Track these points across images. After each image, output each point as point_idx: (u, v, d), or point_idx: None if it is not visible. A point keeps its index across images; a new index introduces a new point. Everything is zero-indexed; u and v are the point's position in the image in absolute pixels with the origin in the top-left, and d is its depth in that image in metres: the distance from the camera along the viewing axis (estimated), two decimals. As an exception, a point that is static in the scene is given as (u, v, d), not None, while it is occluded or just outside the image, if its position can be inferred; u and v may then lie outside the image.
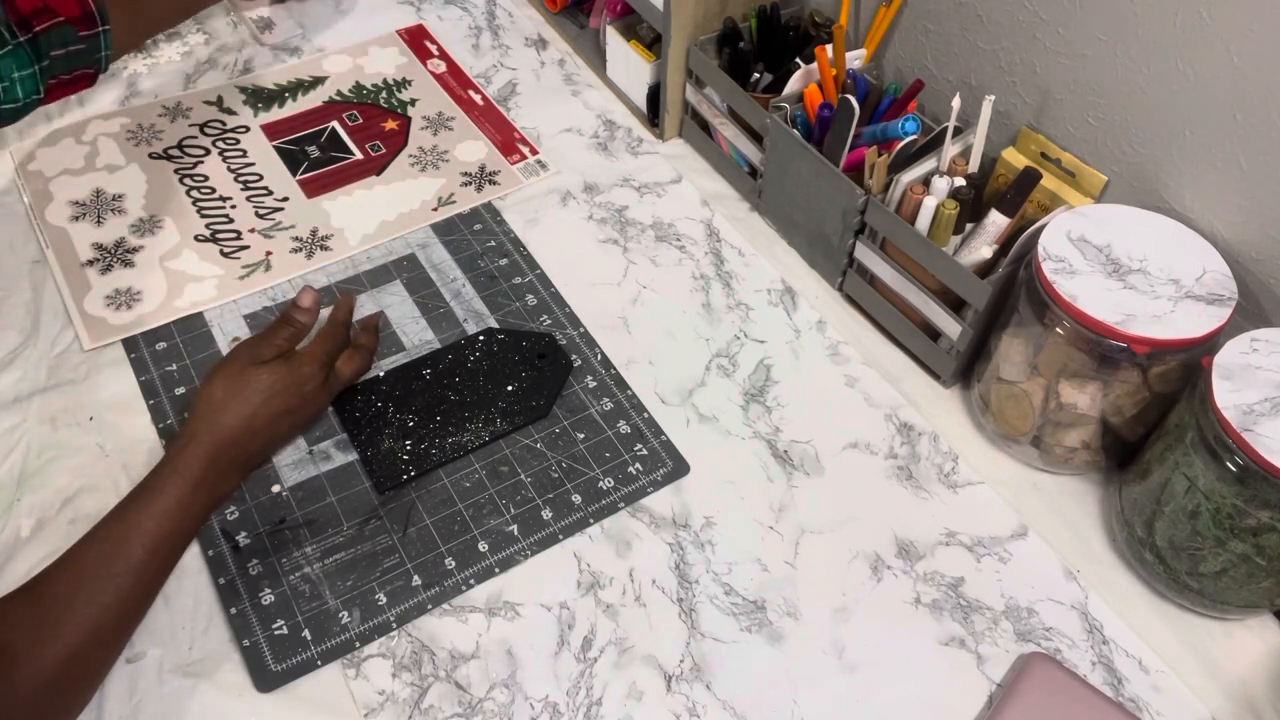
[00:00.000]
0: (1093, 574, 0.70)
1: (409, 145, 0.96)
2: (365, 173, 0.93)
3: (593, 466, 0.74)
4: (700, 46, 0.89)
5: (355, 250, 0.87)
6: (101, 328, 0.79)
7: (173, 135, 0.95)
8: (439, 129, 0.98)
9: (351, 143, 0.96)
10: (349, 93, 1.01)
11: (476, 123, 0.99)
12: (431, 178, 0.93)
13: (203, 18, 1.08)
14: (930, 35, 0.83)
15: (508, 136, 0.97)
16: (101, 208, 0.88)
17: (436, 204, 0.91)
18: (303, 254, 0.86)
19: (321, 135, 0.96)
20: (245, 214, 0.89)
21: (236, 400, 0.67)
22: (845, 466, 0.75)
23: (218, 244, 0.87)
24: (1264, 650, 0.66)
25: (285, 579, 0.67)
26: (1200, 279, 0.65)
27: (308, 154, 0.94)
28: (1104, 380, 0.66)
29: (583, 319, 0.83)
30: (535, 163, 0.95)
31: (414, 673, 0.63)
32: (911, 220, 0.75)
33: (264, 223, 0.88)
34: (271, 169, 0.93)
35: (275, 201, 0.90)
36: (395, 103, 1.00)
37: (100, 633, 0.58)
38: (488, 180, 0.93)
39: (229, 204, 0.90)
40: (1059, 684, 0.62)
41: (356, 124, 0.98)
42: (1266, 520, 0.59)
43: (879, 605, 0.68)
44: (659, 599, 0.67)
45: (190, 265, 0.85)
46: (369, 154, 0.95)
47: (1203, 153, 0.67)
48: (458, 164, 0.95)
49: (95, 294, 0.82)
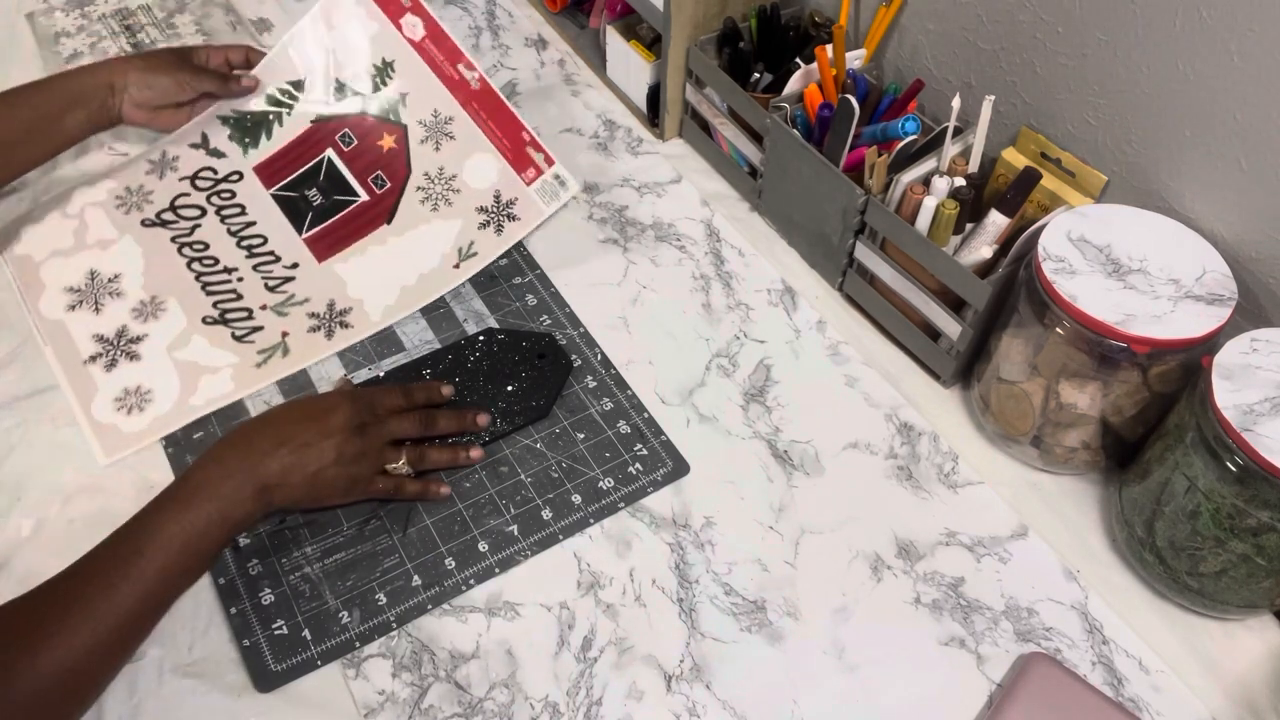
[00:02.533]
0: (1093, 574, 0.70)
1: (413, 172, 0.88)
2: (375, 220, 0.86)
3: (593, 466, 0.74)
4: (700, 46, 0.89)
5: (379, 326, 0.81)
6: (114, 438, 0.73)
7: (163, 195, 0.87)
8: (440, 139, 0.89)
9: (351, 176, 0.88)
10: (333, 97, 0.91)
11: (477, 119, 0.89)
12: (445, 219, 0.86)
13: (202, 19, 1.08)
14: (930, 35, 0.83)
15: (516, 141, 0.88)
16: (98, 291, 0.81)
17: (458, 258, 0.84)
18: (322, 333, 0.80)
19: (319, 172, 0.89)
20: (254, 287, 0.82)
21: (290, 451, 0.63)
22: (845, 466, 0.75)
23: (229, 326, 0.80)
24: (1264, 650, 0.66)
25: (285, 579, 0.67)
26: (1200, 279, 0.65)
27: (309, 201, 0.87)
28: (1104, 380, 0.66)
29: (583, 319, 0.83)
30: (553, 178, 0.87)
31: (414, 673, 0.63)
32: (911, 220, 0.75)
33: (275, 296, 0.82)
34: (274, 227, 0.86)
35: (285, 270, 0.84)
36: (386, 105, 0.90)
37: (101, 646, 0.56)
38: (506, 215, 0.86)
39: (235, 276, 0.83)
40: (1059, 684, 0.62)
41: (352, 148, 0.89)
42: (1266, 520, 0.59)
43: (879, 605, 0.68)
44: (659, 599, 0.67)
45: (201, 354, 0.78)
46: (374, 191, 0.87)
47: (1203, 152, 0.67)
48: (470, 194, 0.87)
49: (103, 396, 0.75)
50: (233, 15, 1.09)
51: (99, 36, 1.05)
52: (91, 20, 1.07)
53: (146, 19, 1.08)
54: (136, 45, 1.04)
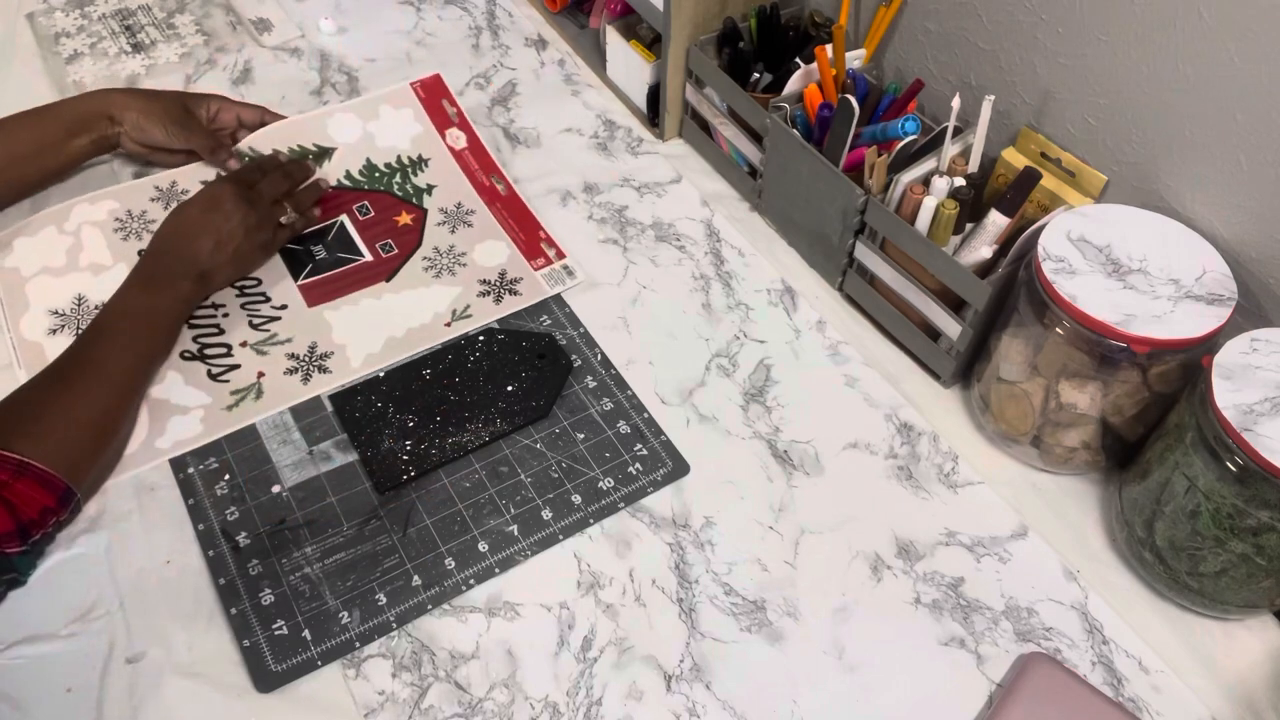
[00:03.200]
0: (1093, 574, 0.70)
1: (423, 245, 0.87)
2: (374, 278, 0.84)
3: (593, 466, 0.74)
4: (700, 46, 0.89)
5: (357, 374, 0.78)
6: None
7: None
8: (457, 225, 0.89)
9: (361, 241, 0.87)
10: (360, 175, 0.91)
11: (498, 217, 0.89)
12: (446, 285, 0.84)
13: (202, 19, 1.08)
14: (930, 35, 0.83)
15: (532, 236, 0.88)
16: (83, 318, 0.79)
17: (450, 317, 0.82)
18: (298, 376, 0.77)
19: (329, 232, 0.88)
20: (238, 324, 0.80)
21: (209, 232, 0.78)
22: (845, 466, 0.75)
23: (206, 363, 0.77)
24: (1264, 650, 0.66)
25: (285, 579, 0.67)
26: (1200, 279, 0.65)
27: (313, 254, 0.86)
28: (1104, 380, 0.66)
29: (583, 319, 0.83)
30: (561, 269, 0.86)
31: (414, 673, 0.63)
32: (911, 220, 0.75)
33: (257, 334, 0.80)
34: (271, 271, 0.84)
35: (272, 309, 0.82)
36: (410, 190, 0.91)
37: (95, 420, 0.68)
38: (508, 290, 0.84)
39: (220, 311, 0.81)
40: (1059, 684, 0.62)
41: (368, 218, 0.89)
42: (1266, 520, 0.59)
43: (879, 605, 0.68)
44: (659, 599, 0.67)
45: (175, 392, 0.76)
46: (379, 255, 0.86)
47: (1203, 153, 0.67)
48: (476, 270, 0.85)
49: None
50: (233, 15, 1.09)
51: (99, 37, 1.05)
52: (91, 20, 1.07)
53: (146, 19, 1.08)
54: (136, 45, 1.04)
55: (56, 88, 0.99)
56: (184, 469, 0.72)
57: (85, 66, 1.02)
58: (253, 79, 1.02)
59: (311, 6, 1.11)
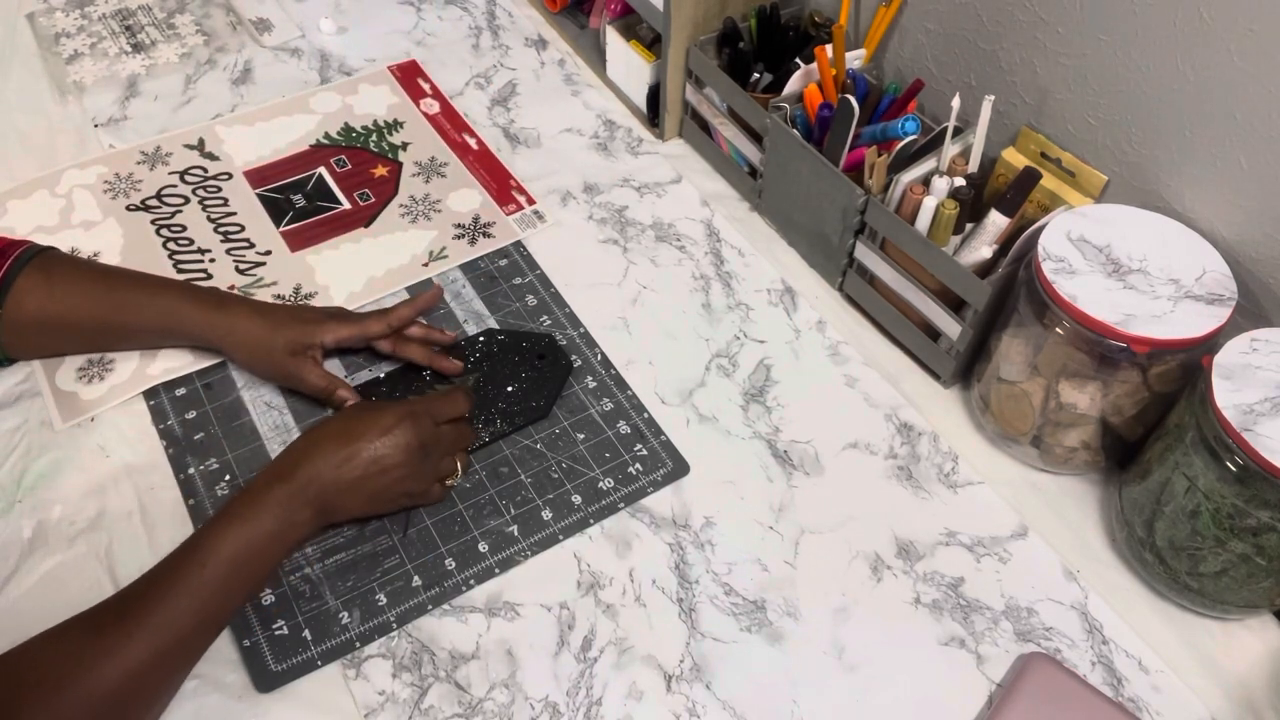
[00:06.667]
0: (1093, 574, 0.70)
1: (399, 194, 0.91)
2: (353, 224, 0.89)
3: (593, 467, 0.74)
4: (700, 46, 0.89)
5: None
6: (72, 404, 0.74)
7: (152, 184, 0.90)
8: (431, 175, 0.93)
9: (339, 191, 0.91)
10: (337, 135, 0.96)
11: (471, 169, 0.94)
12: (422, 229, 0.89)
13: (202, 19, 1.08)
14: (930, 35, 0.83)
15: (503, 184, 0.93)
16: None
17: (427, 258, 0.86)
18: None
19: (308, 183, 0.92)
20: (225, 269, 0.84)
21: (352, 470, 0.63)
22: (845, 466, 0.75)
23: None
24: (1264, 650, 0.66)
25: (285, 579, 0.67)
26: (1200, 279, 0.65)
27: (293, 203, 0.90)
28: (1104, 380, 0.66)
29: (583, 319, 0.83)
30: (532, 213, 0.90)
31: (414, 673, 0.63)
32: (911, 220, 0.75)
33: (244, 279, 0.83)
34: (254, 219, 0.88)
35: (257, 255, 0.85)
36: (386, 146, 0.96)
37: (160, 660, 0.56)
38: (481, 233, 0.89)
39: (207, 257, 0.85)
40: (1059, 684, 0.62)
41: (345, 170, 0.93)
42: (1266, 520, 0.59)
43: (879, 605, 0.68)
44: (659, 599, 0.67)
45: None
46: (357, 203, 0.90)
47: (1203, 153, 0.67)
48: (450, 215, 0.90)
49: (68, 366, 0.76)
50: (233, 15, 1.09)
51: (99, 37, 1.05)
52: (91, 20, 1.07)
53: (146, 19, 1.08)
54: (137, 45, 1.04)
55: (56, 88, 0.99)
56: (184, 469, 0.72)
57: (85, 66, 1.02)
58: (253, 79, 1.02)
59: (311, 6, 1.11)
